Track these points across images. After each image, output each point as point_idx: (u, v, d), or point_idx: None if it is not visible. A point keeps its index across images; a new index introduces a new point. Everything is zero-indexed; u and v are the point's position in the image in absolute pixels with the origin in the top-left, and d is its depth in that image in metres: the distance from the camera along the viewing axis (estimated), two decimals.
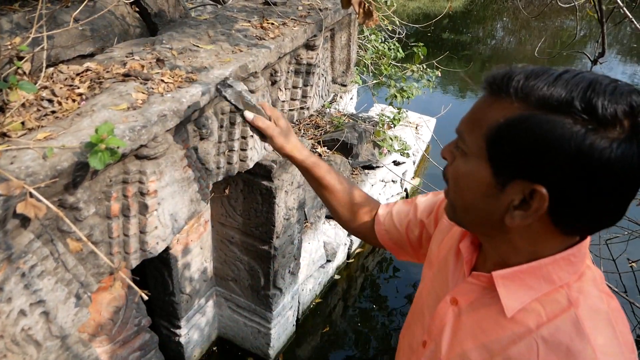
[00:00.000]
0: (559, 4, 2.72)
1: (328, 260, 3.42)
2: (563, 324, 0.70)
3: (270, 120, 1.28)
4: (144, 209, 1.45)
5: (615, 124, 0.62)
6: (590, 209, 0.67)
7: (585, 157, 0.62)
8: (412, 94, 4.00)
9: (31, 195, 1.12)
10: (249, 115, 1.29)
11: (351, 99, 5.00)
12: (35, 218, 1.10)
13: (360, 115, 4.28)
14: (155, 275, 2.47)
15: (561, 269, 0.74)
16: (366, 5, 1.24)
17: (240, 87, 1.34)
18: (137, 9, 2.23)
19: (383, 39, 4.28)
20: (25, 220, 1.16)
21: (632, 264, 3.45)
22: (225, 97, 1.34)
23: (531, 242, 0.75)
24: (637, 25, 1.77)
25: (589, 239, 0.78)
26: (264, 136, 1.29)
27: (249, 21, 2.11)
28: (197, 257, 2.50)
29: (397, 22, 4.13)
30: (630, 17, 1.81)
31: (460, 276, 0.89)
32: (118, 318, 1.80)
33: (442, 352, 0.84)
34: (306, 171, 1.27)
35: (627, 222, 3.19)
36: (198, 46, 1.84)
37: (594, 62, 2.25)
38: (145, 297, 1.26)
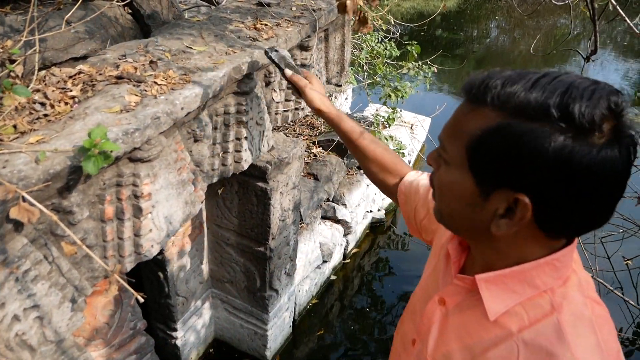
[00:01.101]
0: (554, 2, 2.73)
1: (324, 261, 3.42)
2: (544, 328, 0.70)
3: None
4: (138, 212, 1.45)
5: (594, 129, 0.61)
6: (576, 213, 0.67)
7: (565, 164, 0.62)
8: (406, 93, 4.00)
9: (24, 199, 1.11)
10: (288, 71, 1.49)
11: (346, 99, 5.00)
12: (28, 222, 1.09)
13: (355, 115, 4.28)
14: (151, 277, 2.46)
15: (545, 274, 0.73)
16: (361, 14, 1.24)
17: (284, 53, 1.56)
18: (130, 11, 2.22)
19: (379, 39, 4.29)
20: (18, 225, 1.15)
21: (628, 261, 3.47)
22: (270, 58, 1.56)
23: (518, 248, 0.75)
24: (630, 23, 1.77)
25: (575, 243, 0.77)
26: (297, 91, 1.46)
27: (243, 22, 2.10)
28: (192, 260, 2.49)
29: (392, 22, 4.13)
30: (623, 14, 1.81)
31: (449, 277, 0.90)
32: (113, 322, 1.79)
33: (428, 351, 0.85)
34: (334, 125, 1.38)
35: (621, 221, 3.21)
36: (191, 48, 1.84)
37: (587, 59, 2.26)
38: (141, 300, 1.25)
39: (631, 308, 3.28)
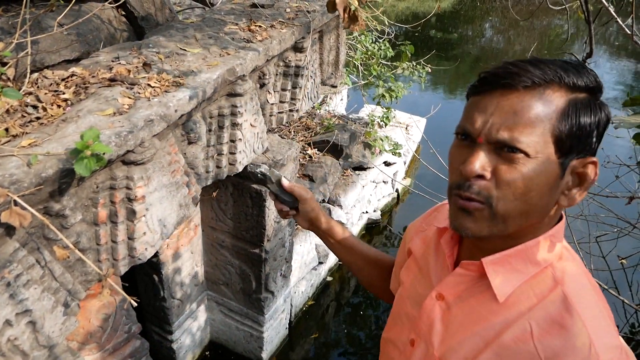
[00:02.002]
0: (549, 5, 2.73)
1: (320, 262, 3.41)
2: (552, 303, 0.73)
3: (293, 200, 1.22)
4: (131, 215, 1.44)
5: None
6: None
7: (608, 121, 0.75)
8: (400, 94, 4.01)
9: (16, 203, 1.10)
10: (285, 181, 1.20)
11: (341, 100, 5.00)
12: (20, 227, 1.08)
13: (350, 116, 4.28)
14: (146, 280, 2.44)
15: (545, 250, 0.78)
16: (351, 10, 1.23)
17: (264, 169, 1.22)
18: (123, 13, 2.21)
19: (373, 39, 4.29)
20: (10, 229, 1.14)
21: (622, 260, 3.48)
22: (261, 176, 1.21)
23: (545, 225, 0.79)
24: (623, 26, 1.78)
25: (564, 219, 0.82)
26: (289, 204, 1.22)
27: (237, 24, 2.10)
28: (187, 262, 2.48)
29: (386, 22, 4.13)
30: (616, 17, 1.82)
31: (443, 271, 0.90)
32: (108, 325, 1.78)
33: (435, 348, 0.85)
34: (325, 238, 1.26)
35: (616, 220, 3.22)
36: (185, 50, 1.83)
37: (583, 62, 2.26)
38: (135, 304, 1.25)
39: (626, 307, 3.30)
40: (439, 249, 0.93)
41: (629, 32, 1.75)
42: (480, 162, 0.73)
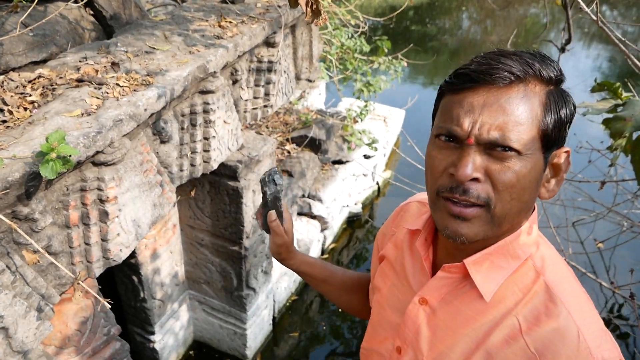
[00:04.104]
0: None
1: None
2: (536, 295, 0.74)
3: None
4: (104, 216, 1.42)
5: None
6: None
7: (575, 110, 0.77)
8: (380, 88, 4.01)
9: None
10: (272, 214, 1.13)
11: (319, 94, 5.00)
12: None
13: (328, 110, 4.29)
14: (125, 282, 2.43)
15: (524, 243, 0.78)
16: (314, 5, 1.23)
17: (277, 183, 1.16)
18: (92, 13, 2.18)
19: (349, 34, 4.29)
20: None
21: (599, 244, 3.55)
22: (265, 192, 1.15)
23: (525, 217, 0.80)
24: (587, 10, 1.81)
25: (536, 208, 0.83)
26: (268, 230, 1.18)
27: (207, 20, 2.08)
28: (167, 262, 2.47)
29: (360, 17, 4.14)
30: (586, 9, 1.83)
31: (422, 275, 0.88)
32: (86, 328, 1.76)
33: (424, 354, 0.83)
34: (302, 273, 1.22)
35: (593, 204, 3.28)
36: (154, 48, 1.81)
37: (562, 50, 2.28)
38: (109, 306, 1.24)
39: (605, 290, 3.37)
40: (414, 251, 0.91)
41: (594, 18, 1.78)
42: (474, 164, 0.71)
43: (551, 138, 0.73)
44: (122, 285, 2.47)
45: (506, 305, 0.76)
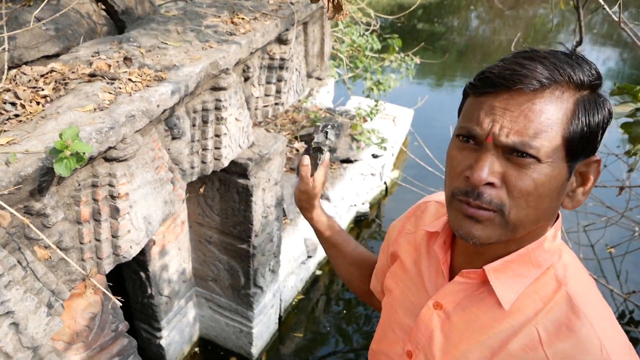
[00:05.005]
0: None
1: (309, 256, 3.41)
2: (557, 305, 0.72)
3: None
4: (115, 212, 1.41)
5: None
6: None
7: (611, 117, 0.74)
8: (390, 86, 3.99)
9: None
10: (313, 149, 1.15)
11: (328, 92, 4.98)
12: (0, 227, 1.06)
13: (337, 109, 4.27)
14: (133, 278, 2.42)
15: (545, 252, 0.76)
16: (335, 0, 1.21)
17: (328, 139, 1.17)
18: (103, 7, 2.17)
19: (360, 32, 4.26)
20: None
21: (611, 249, 3.51)
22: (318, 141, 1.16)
23: (547, 225, 0.77)
24: (611, 13, 1.78)
25: (561, 217, 0.80)
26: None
27: (219, 16, 2.07)
28: (175, 259, 2.46)
29: (372, 15, 4.11)
30: (604, 5, 1.81)
31: (438, 278, 0.87)
32: (94, 324, 1.75)
33: (437, 358, 0.82)
34: (315, 227, 1.23)
35: (604, 209, 3.25)
36: (167, 43, 1.80)
37: (573, 50, 2.25)
38: (119, 304, 1.23)
39: (615, 296, 3.34)
40: (431, 254, 0.90)
41: (616, 19, 1.75)
42: (490, 168, 0.69)
43: (577, 147, 0.70)
44: (129, 281, 2.46)
45: (525, 314, 0.74)
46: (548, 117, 0.67)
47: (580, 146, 0.70)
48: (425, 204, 1.03)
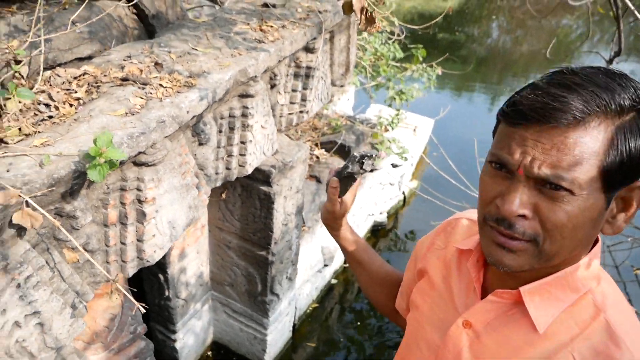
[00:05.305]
0: (569, 2, 2.68)
1: (325, 265, 3.40)
2: (596, 332, 0.71)
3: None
4: (141, 216, 1.42)
5: None
6: None
7: None
8: (412, 96, 3.98)
9: (27, 204, 1.09)
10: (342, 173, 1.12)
11: (348, 100, 4.98)
12: (31, 228, 1.07)
13: (357, 117, 4.26)
14: (152, 280, 2.44)
15: (584, 276, 0.75)
16: (368, 12, 1.21)
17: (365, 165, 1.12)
18: (134, 11, 2.20)
19: (383, 40, 4.26)
20: (21, 230, 1.13)
21: (637, 271, 3.43)
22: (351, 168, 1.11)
23: (585, 250, 0.76)
24: None
25: (600, 243, 0.79)
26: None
27: (248, 24, 2.08)
28: (193, 262, 2.47)
29: (396, 24, 4.10)
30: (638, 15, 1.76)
31: (469, 297, 0.86)
32: (113, 325, 1.77)
33: None
34: (341, 244, 1.23)
35: (631, 230, 3.18)
36: (197, 49, 1.81)
37: (610, 61, 2.21)
38: (143, 310, 1.23)
39: None
40: (463, 272, 0.89)
41: None
42: (521, 200, 0.68)
43: (616, 178, 0.67)
44: (148, 282, 2.48)
45: (560, 339, 0.72)
46: (582, 149, 0.65)
47: (619, 176, 0.68)
48: (455, 220, 1.02)
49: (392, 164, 4.14)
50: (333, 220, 1.17)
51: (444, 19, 11.43)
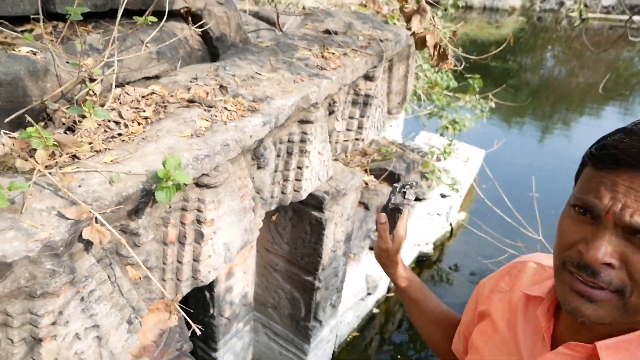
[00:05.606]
0: (630, 37, 2.61)
1: (368, 293, 3.35)
2: None
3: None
4: (199, 237, 1.44)
5: None
6: None
7: None
8: (465, 126, 3.92)
9: (96, 220, 1.12)
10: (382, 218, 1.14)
11: (397, 126, 4.96)
12: (99, 244, 1.10)
13: (408, 144, 4.23)
14: (198, 296, 2.46)
15: None
16: (442, 49, 1.20)
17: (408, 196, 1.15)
18: (199, 32, 2.27)
19: (436, 68, 4.23)
20: (88, 244, 1.16)
21: None
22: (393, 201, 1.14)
23: None
24: None
25: None
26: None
27: (310, 50, 2.11)
28: (239, 282, 2.48)
29: (456, 52, 4.07)
30: None
31: (536, 346, 0.82)
32: (161, 341, 1.78)
33: None
34: (395, 283, 1.23)
35: None
36: (260, 74, 1.85)
37: None
38: (199, 332, 1.24)
39: None
40: (530, 319, 0.86)
41: None
42: (608, 248, 0.65)
43: None
44: (193, 298, 2.50)
45: None
46: None
47: None
48: (522, 263, 0.99)
49: (440, 194, 4.07)
50: (387, 258, 1.17)
51: (497, 47, 11.29)
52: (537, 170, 5.66)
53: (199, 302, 2.48)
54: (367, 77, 2.20)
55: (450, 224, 4.45)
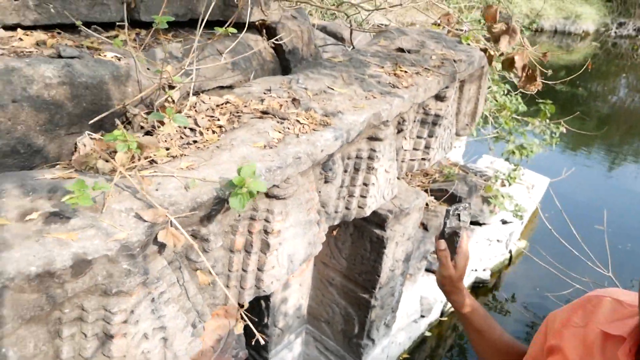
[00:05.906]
0: None
1: (422, 316, 3.26)
2: None
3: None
4: (265, 247, 1.45)
5: None
6: None
7: None
8: (532, 151, 3.77)
9: (171, 224, 1.15)
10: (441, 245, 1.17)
11: (459, 147, 4.85)
12: (173, 247, 1.12)
13: (470, 166, 4.12)
14: (253, 304, 2.48)
15: None
16: (530, 70, 1.16)
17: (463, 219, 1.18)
18: (272, 45, 2.31)
19: (504, 91, 4.12)
20: (162, 247, 1.19)
21: None
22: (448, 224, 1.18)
23: None
24: None
25: None
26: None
27: (382, 67, 2.10)
28: (295, 294, 2.48)
29: (545, 73, 3.94)
30: None
31: None
32: (219, 346, 1.80)
33: None
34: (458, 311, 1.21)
35: None
36: (332, 89, 1.85)
37: None
38: (262, 341, 1.24)
39: None
40: (608, 358, 0.81)
41: None
42: None
43: None
44: (249, 307, 2.52)
45: None
46: None
47: None
48: (597, 297, 0.94)
49: (501, 220, 3.93)
50: (450, 285, 1.16)
51: (567, 72, 10.87)
52: (603, 203, 5.37)
53: (253, 311, 2.50)
54: (438, 97, 2.17)
55: (510, 252, 4.28)
